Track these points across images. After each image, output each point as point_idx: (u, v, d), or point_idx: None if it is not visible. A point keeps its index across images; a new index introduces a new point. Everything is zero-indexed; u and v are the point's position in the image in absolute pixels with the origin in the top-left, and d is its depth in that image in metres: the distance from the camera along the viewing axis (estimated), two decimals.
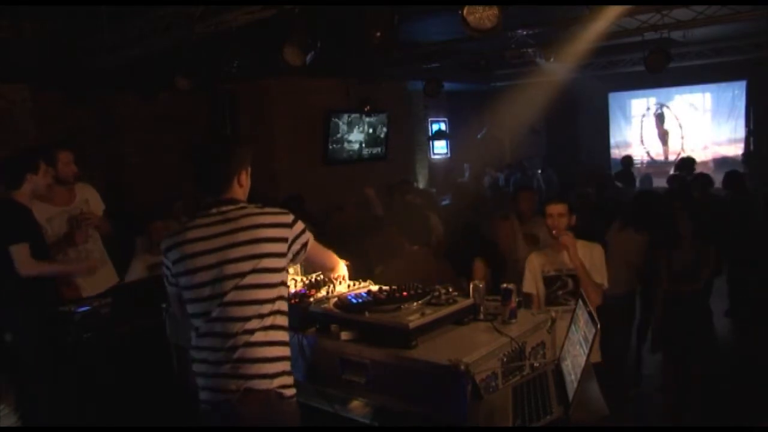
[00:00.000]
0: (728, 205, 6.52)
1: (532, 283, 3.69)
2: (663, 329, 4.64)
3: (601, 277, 3.57)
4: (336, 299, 2.77)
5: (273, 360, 2.26)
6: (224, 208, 2.35)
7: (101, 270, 4.30)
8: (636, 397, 4.77)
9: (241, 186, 2.45)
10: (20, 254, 3.46)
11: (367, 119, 9.47)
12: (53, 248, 3.97)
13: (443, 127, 12.17)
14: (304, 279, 3.25)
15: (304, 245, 2.44)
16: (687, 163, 8.86)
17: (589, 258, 3.58)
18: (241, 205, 2.39)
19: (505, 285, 2.75)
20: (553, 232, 3.59)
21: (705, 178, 7.23)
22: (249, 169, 2.48)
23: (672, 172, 9.50)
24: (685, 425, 4.29)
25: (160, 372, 3.41)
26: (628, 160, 10.61)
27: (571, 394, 2.13)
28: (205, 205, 2.39)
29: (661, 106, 12.24)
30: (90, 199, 4.35)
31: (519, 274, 3.74)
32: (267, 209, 2.39)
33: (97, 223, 4.26)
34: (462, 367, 2.18)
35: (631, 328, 5.03)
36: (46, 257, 3.72)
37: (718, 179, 7.37)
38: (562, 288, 3.62)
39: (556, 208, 3.64)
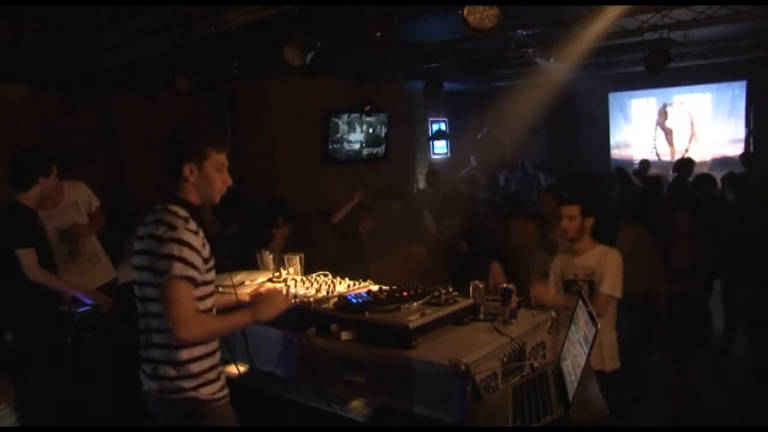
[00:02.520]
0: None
1: (553, 286, 3.62)
2: (663, 328, 4.63)
3: (611, 286, 3.37)
4: (336, 299, 2.77)
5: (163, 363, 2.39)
6: (156, 208, 2.28)
7: (94, 268, 4.30)
8: (636, 398, 4.76)
9: (187, 180, 2.26)
10: (28, 259, 3.46)
11: (367, 119, 9.45)
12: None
13: (443, 127, 12.15)
14: (305, 279, 3.26)
15: (165, 272, 2.14)
16: (685, 164, 8.78)
17: (603, 265, 3.41)
18: (162, 208, 2.24)
19: (505, 285, 2.75)
20: (567, 236, 3.47)
21: (708, 179, 7.21)
22: (204, 163, 2.25)
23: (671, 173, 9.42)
24: (686, 425, 4.29)
25: None
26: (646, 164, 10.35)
27: (571, 394, 2.13)
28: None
29: (667, 105, 12.12)
30: (79, 200, 4.23)
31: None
32: (163, 218, 2.20)
33: (84, 233, 4.19)
34: (462, 367, 2.18)
35: (640, 329, 4.91)
36: (51, 263, 3.71)
37: (718, 180, 7.38)
38: (577, 293, 3.54)
39: (567, 210, 3.46)
